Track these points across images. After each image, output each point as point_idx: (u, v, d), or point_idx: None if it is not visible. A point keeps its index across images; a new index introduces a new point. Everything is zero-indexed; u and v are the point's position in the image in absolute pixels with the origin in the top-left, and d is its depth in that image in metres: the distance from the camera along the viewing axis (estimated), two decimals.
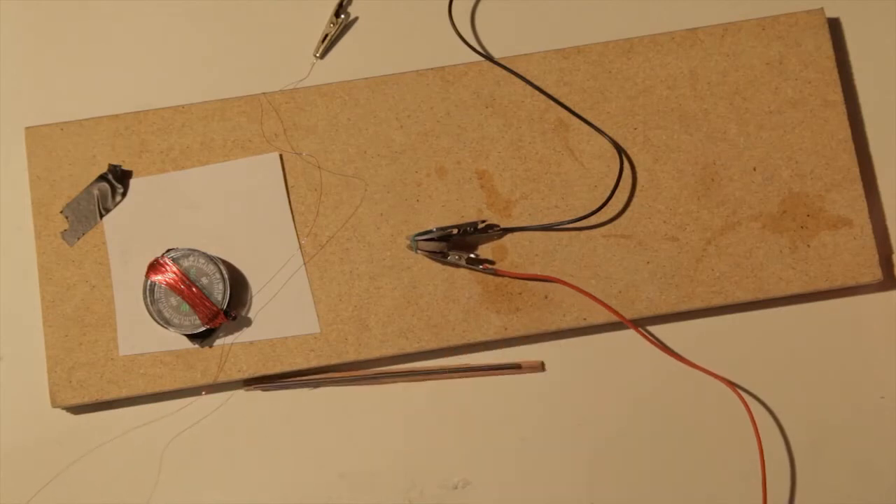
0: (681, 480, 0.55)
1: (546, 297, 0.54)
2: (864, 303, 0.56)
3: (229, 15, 0.59)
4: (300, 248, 0.55)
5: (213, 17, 0.59)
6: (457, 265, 0.55)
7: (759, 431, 0.53)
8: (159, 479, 0.54)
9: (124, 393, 0.54)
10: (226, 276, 0.54)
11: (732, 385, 0.54)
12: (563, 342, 0.56)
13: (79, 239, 0.55)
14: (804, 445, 0.55)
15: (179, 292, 0.53)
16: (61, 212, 0.55)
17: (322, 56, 0.59)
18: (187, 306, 0.53)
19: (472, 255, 0.54)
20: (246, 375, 0.54)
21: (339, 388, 0.55)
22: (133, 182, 0.55)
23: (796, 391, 0.55)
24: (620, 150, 0.55)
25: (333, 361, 0.54)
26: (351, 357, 0.54)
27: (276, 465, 0.55)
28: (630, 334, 0.56)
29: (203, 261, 0.54)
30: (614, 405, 0.56)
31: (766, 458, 0.53)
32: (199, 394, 0.55)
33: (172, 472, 0.54)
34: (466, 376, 0.56)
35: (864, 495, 0.55)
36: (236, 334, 0.54)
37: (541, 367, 0.56)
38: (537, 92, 0.56)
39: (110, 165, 0.55)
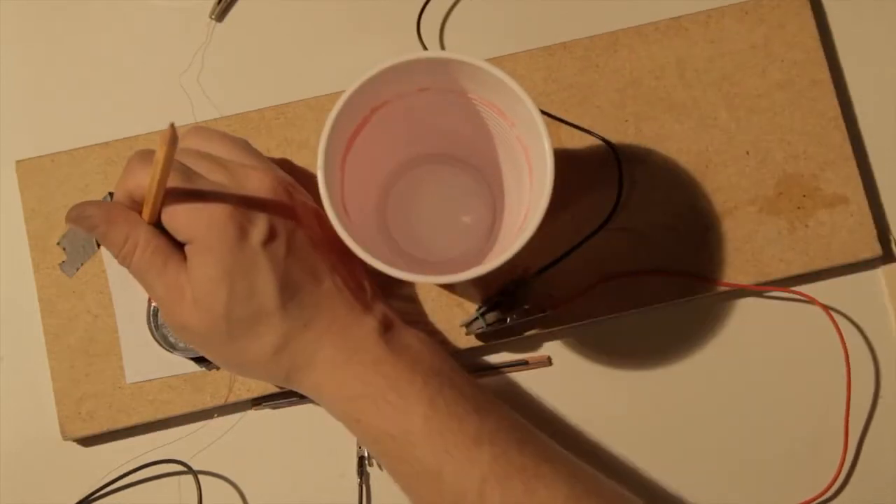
0: (690, 471, 0.55)
1: (550, 296, 0.54)
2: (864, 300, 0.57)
3: (216, 36, 0.59)
4: None
5: (201, 39, 0.58)
6: (522, 326, 0.54)
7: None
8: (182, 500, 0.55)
9: (134, 420, 0.54)
10: None
11: None
12: (567, 337, 0.56)
13: (77, 269, 0.55)
14: (799, 443, 0.55)
15: None
16: (58, 243, 0.55)
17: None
18: None
19: (526, 308, 0.54)
20: (255, 394, 0.54)
21: None
22: None
23: (791, 387, 0.56)
24: (613, 148, 0.55)
25: None
26: None
27: (292, 481, 0.55)
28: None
29: None
30: (623, 394, 0.56)
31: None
32: (212, 416, 0.55)
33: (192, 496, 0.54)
34: (475, 377, 0.55)
35: (862, 494, 0.55)
36: None
37: (548, 361, 0.56)
38: None
39: (109, 193, 0.55)
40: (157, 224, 0.44)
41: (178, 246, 0.44)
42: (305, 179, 0.50)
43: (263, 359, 0.45)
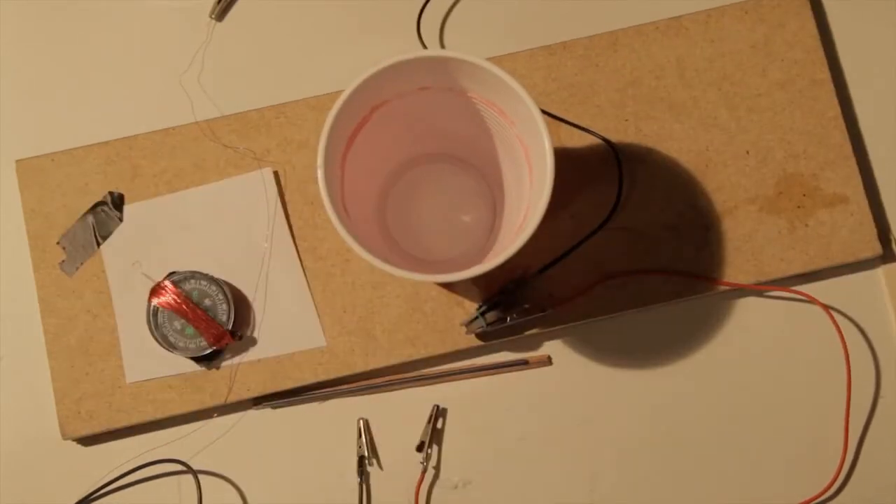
0: (690, 471, 0.55)
1: (550, 295, 0.54)
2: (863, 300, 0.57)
3: (216, 36, 0.59)
4: (300, 262, 0.55)
5: (201, 39, 0.59)
6: (523, 325, 0.54)
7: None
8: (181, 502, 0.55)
9: (134, 420, 0.54)
10: (229, 296, 0.53)
11: None
12: (567, 337, 0.56)
13: (77, 269, 0.55)
14: (799, 443, 0.55)
15: (184, 315, 0.53)
16: (58, 243, 0.55)
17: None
18: (191, 329, 0.53)
19: (526, 307, 0.54)
20: (255, 394, 0.54)
21: (349, 399, 0.55)
22: (128, 208, 0.55)
23: (791, 387, 0.56)
24: (613, 147, 0.55)
25: (342, 374, 0.54)
26: (359, 368, 0.54)
27: (292, 481, 0.55)
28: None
29: (205, 282, 0.53)
30: (623, 394, 0.56)
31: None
32: (212, 416, 0.55)
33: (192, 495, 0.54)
34: (476, 377, 0.55)
35: (862, 494, 0.55)
36: (242, 354, 0.54)
37: (548, 361, 0.56)
38: None
39: (109, 192, 0.55)
40: None
41: None
42: None
43: None
